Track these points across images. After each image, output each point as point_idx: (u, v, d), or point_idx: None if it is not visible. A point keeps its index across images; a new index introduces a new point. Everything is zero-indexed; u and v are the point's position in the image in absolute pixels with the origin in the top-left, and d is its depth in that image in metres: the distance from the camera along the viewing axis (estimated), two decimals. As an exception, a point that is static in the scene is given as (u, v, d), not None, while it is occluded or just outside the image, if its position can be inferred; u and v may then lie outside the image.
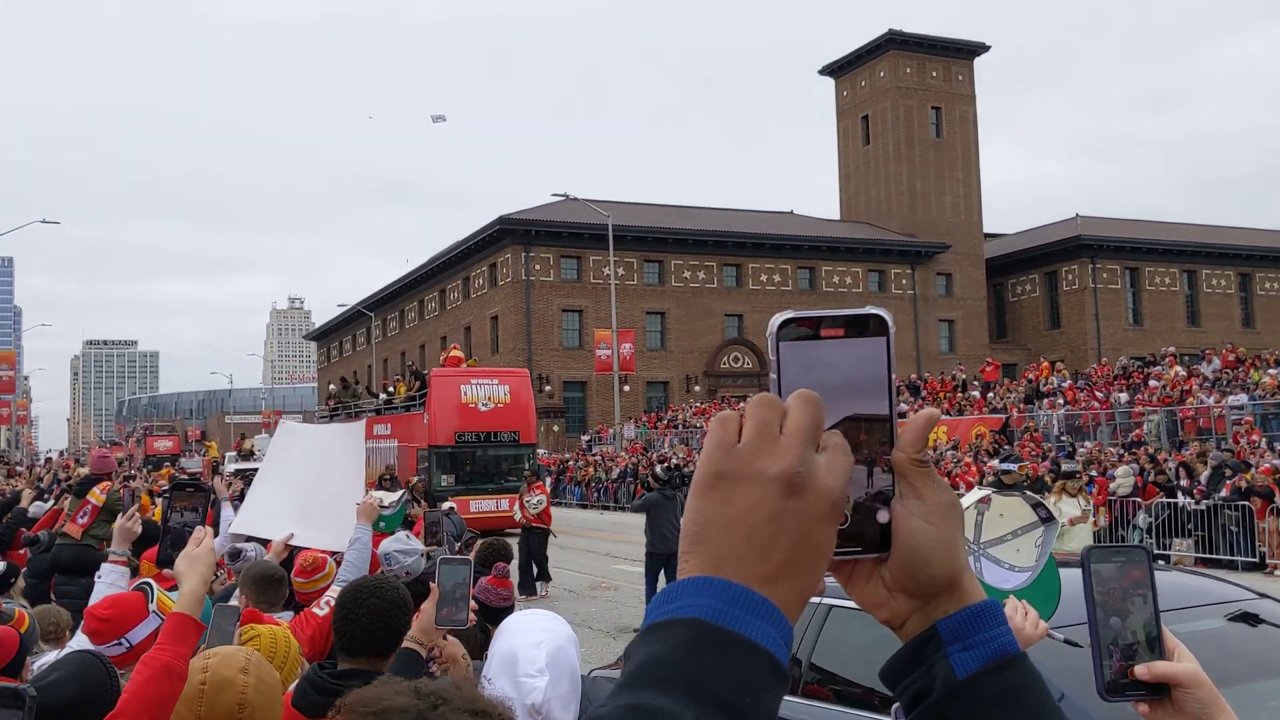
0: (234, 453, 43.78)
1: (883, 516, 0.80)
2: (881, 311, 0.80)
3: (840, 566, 0.82)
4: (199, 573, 2.61)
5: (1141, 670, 1.18)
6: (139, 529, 4.77)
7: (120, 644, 3.39)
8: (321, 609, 4.45)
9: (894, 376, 0.80)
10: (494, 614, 5.19)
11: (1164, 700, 1.18)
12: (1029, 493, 2.72)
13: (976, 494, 2.39)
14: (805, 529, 0.72)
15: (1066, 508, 12.83)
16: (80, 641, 4.03)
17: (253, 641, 3.29)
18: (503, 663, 2.40)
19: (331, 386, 41.44)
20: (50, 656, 3.84)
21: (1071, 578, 2.55)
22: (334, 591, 4.62)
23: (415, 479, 22.65)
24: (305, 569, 4.95)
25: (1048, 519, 2.34)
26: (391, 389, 33.83)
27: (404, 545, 5.44)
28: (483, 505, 24.11)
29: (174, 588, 4.36)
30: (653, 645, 0.70)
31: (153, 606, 3.55)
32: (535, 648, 2.40)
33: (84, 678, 2.45)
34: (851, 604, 0.82)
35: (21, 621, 3.86)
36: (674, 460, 34.73)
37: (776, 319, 0.79)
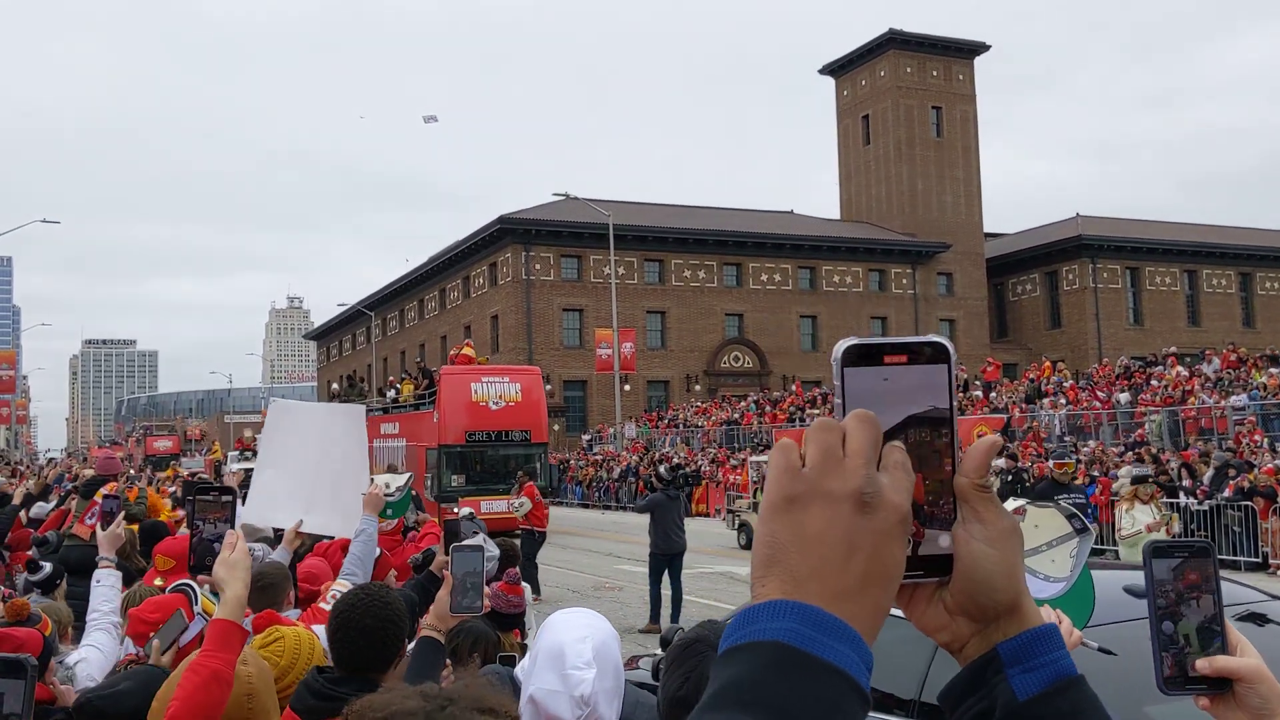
0: (235, 451, 43.64)
1: (944, 542, 0.82)
2: (943, 339, 0.82)
3: (901, 590, 0.83)
4: (239, 578, 2.58)
5: (1203, 664, 1.18)
6: (124, 535, 4.89)
7: None
8: (328, 604, 4.46)
9: (955, 402, 0.82)
10: (504, 620, 5.16)
11: (1226, 695, 1.18)
12: (1063, 503, 2.74)
13: (1010, 505, 2.41)
14: (878, 546, 0.74)
15: (1140, 515, 12.19)
16: (101, 640, 4.10)
17: (277, 644, 3.30)
18: (549, 657, 2.43)
19: (334, 386, 40.00)
20: (73, 656, 3.93)
21: (1103, 580, 2.59)
22: (340, 584, 4.62)
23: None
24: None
25: (1082, 529, 2.35)
26: (397, 387, 33.06)
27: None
28: (494, 506, 23.11)
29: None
30: (735, 667, 0.71)
31: (197, 609, 3.58)
32: (581, 642, 2.43)
33: (150, 691, 2.47)
34: None
35: (46, 625, 3.92)
36: (676, 460, 34.76)
37: (840, 345, 0.82)
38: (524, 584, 5.56)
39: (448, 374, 26.96)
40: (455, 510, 21.37)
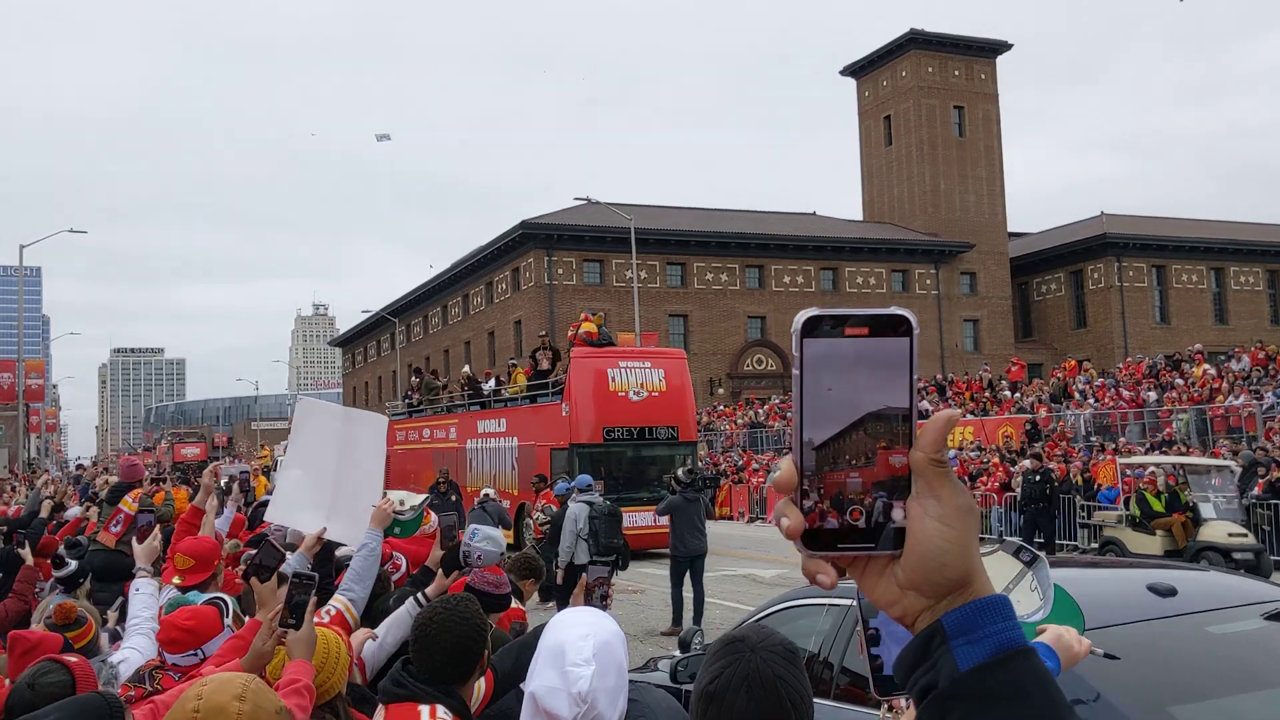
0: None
1: (898, 515, 0.81)
2: (906, 312, 0.81)
3: (854, 563, 0.84)
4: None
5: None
6: (159, 547, 5.05)
7: (195, 655, 3.48)
8: (323, 618, 4.44)
9: (915, 376, 0.81)
10: (489, 602, 5.09)
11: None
12: (1007, 539, 2.72)
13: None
14: None
15: None
16: (141, 644, 4.18)
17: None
18: (550, 654, 2.43)
19: (414, 379, 34.62)
20: (116, 656, 4.06)
21: (1125, 578, 2.54)
22: (339, 601, 4.58)
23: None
24: None
25: (1032, 560, 2.31)
26: (498, 379, 28.78)
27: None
28: (637, 519, 19.39)
29: (194, 586, 4.49)
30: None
31: (228, 621, 3.62)
32: (582, 639, 2.43)
33: (82, 719, 2.43)
34: None
35: (90, 629, 4.13)
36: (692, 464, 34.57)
37: (801, 316, 0.81)
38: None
39: (580, 358, 22.50)
40: None
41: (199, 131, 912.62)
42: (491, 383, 28.52)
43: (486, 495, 16.15)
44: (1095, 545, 19.61)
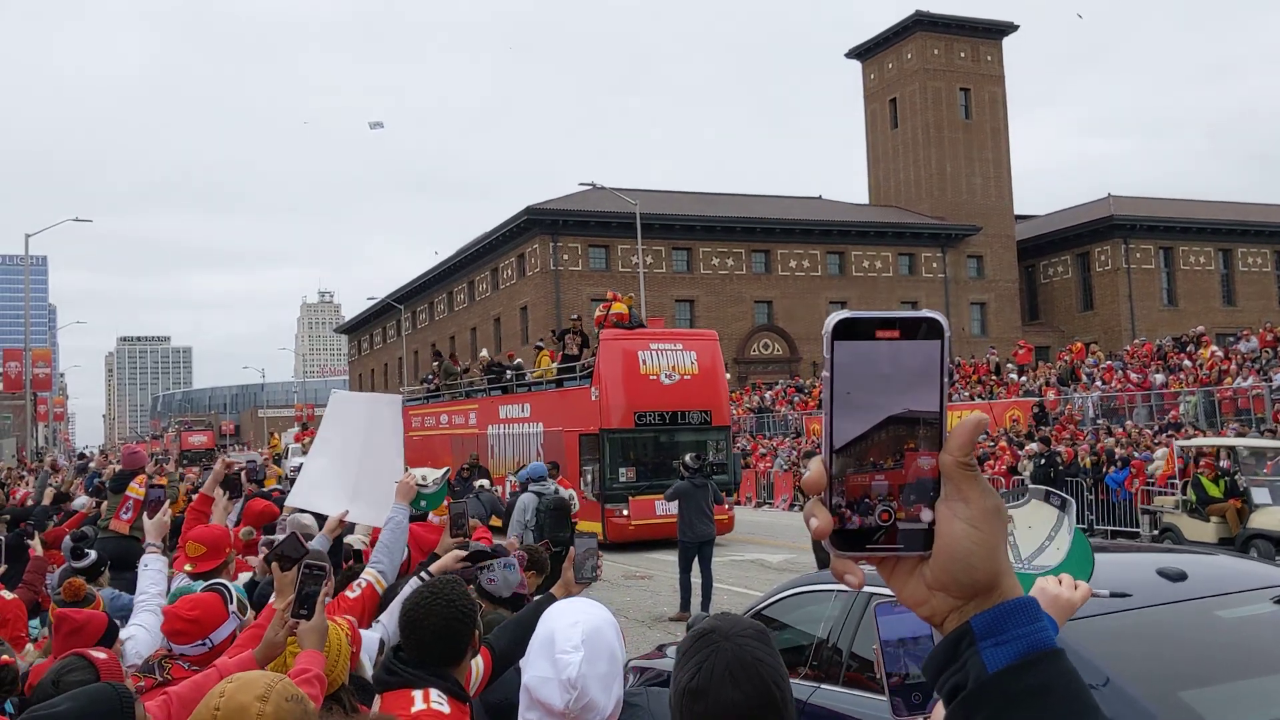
0: (297, 444, 42.52)
1: (926, 517, 0.83)
2: (937, 315, 0.82)
3: (883, 562, 0.86)
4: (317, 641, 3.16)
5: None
6: (169, 523, 5.09)
7: (204, 644, 3.49)
8: (354, 591, 4.49)
9: (946, 380, 0.82)
10: (504, 600, 5.12)
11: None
12: (1034, 486, 2.71)
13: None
14: None
15: None
16: (148, 621, 4.20)
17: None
18: (541, 645, 2.46)
19: (435, 364, 33.28)
20: (123, 633, 4.09)
21: (1134, 562, 2.53)
22: (369, 574, 4.63)
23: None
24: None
25: (1062, 502, 2.30)
26: (517, 362, 28.11)
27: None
28: (671, 508, 16.90)
29: (206, 573, 4.52)
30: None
31: (232, 607, 3.63)
32: (571, 627, 2.45)
33: (92, 711, 2.44)
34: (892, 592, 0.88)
35: (99, 604, 4.13)
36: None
37: (832, 319, 0.82)
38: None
39: (609, 340, 21.65)
40: (624, 513, 18.24)
41: (202, 118, 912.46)
42: (514, 363, 27.78)
43: (481, 486, 16.27)
44: (1155, 532, 19.01)
